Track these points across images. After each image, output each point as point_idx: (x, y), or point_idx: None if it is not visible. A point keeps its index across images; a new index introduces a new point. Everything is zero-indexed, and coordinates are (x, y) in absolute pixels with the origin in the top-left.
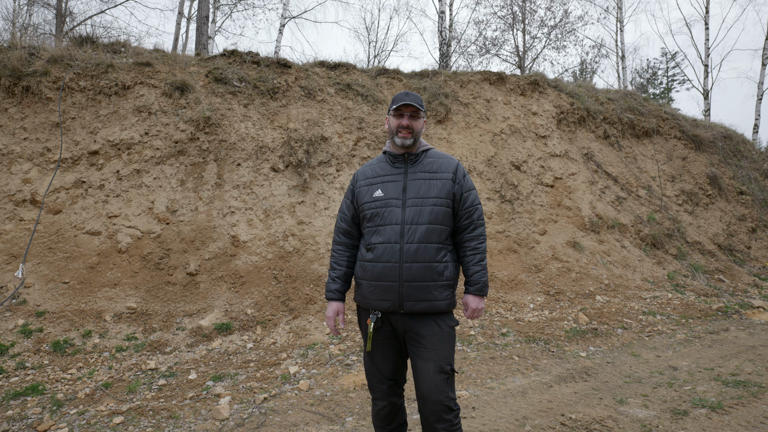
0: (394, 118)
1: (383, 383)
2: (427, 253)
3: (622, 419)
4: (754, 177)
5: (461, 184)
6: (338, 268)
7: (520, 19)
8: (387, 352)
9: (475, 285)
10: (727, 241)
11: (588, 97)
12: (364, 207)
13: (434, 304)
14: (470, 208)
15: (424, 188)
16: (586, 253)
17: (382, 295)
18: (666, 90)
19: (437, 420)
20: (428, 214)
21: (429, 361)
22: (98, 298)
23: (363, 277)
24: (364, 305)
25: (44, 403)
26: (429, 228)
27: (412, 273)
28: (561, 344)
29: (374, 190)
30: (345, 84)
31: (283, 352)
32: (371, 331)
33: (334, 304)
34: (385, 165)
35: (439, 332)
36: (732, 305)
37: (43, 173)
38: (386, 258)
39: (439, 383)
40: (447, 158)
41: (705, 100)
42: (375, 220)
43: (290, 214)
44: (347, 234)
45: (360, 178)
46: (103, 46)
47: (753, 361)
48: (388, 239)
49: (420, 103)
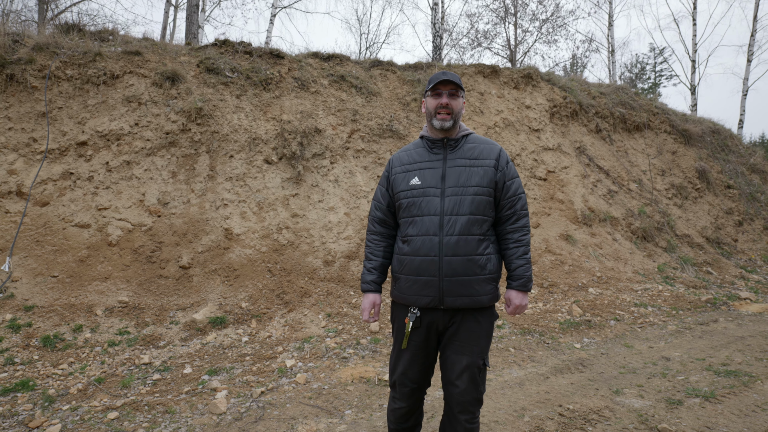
0: (432, 98)
1: (406, 386)
2: (468, 246)
3: (619, 409)
4: (741, 171)
5: (504, 171)
6: (374, 259)
7: (512, 12)
8: (418, 355)
9: (519, 280)
10: (715, 234)
11: (580, 91)
12: (400, 196)
13: (476, 299)
14: (513, 198)
15: (465, 176)
16: (579, 246)
17: (421, 291)
18: (654, 85)
19: (462, 411)
20: (469, 203)
21: (464, 356)
22: (89, 292)
23: (401, 271)
24: (401, 301)
25: (35, 399)
26: (470, 219)
27: (452, 267)
28: (556, 336)
29: (411, 178)
30: (339, 75)
31: (278, 346)
32: (409, 331)
33: (371, 296)
34: (422, 151)
35: (478, 328)
36: (720, 297)
37: (29, 164)
38: (425, 251)
39: (473, 377)
40: (489, 144)
41: (692, 95)
42: (411, 210)
43: (284, 206)
44: (383, 223)
45: (396, 164)
46: (90, 34)
47: (742, 351)
48: (426, 231)
49: (459, 81)
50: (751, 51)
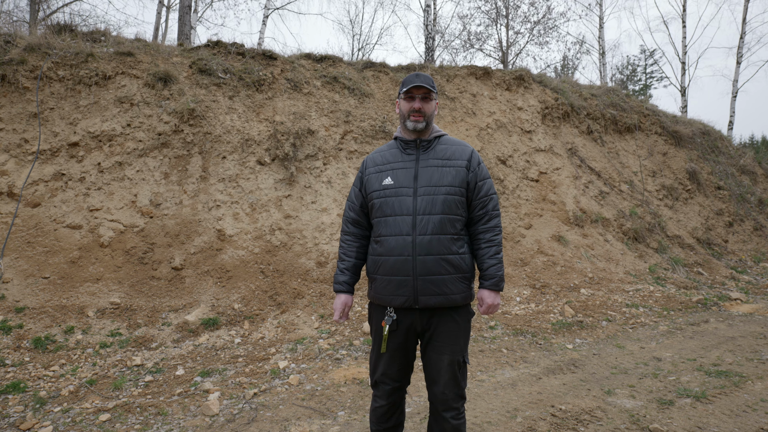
0: (405, 101)
1: (387, 384)
2: (441, 245)
3: (611, 409)
4: (730, 172)
5: (476, 172)
6: (347, 260)
7: (504, 14)
8: (396, 356)
9: (491, 279)
10: (705, 235)
11: (572, 93)
12: (373, 196)
13: (450, 298)
14: (485, 198)
15: (437, 176)
16: (571, 246)
17: (395, 291)
18: (645, 87)
19: (446, 408)
20: (441, 203)
21: (443, 354)
22: (80, 294)
23: (376, 272)
24: (378, 301)
25: (26, 401)
26: (443, 218)
27: (426, 266)
28: (548, 337)
29: (384, 178)
30: (332, 77)
31: (271, 347)
32: (386, 334)
33: (343, 297)
34: (395, 151)
35: (456, 327)
36: (711, 297)
37: (20, 165)
38: (398, 251)
39: (453, 375)
40: (461, 145)
41: (682, 96)
42: (384, 209)
43: (277, 207)
44: (356, 224)
45: (369, 164)
46: (82, 35)
47: (733, 351)
48: (399, 231)
49: (432, 85)
50: (741, 53)
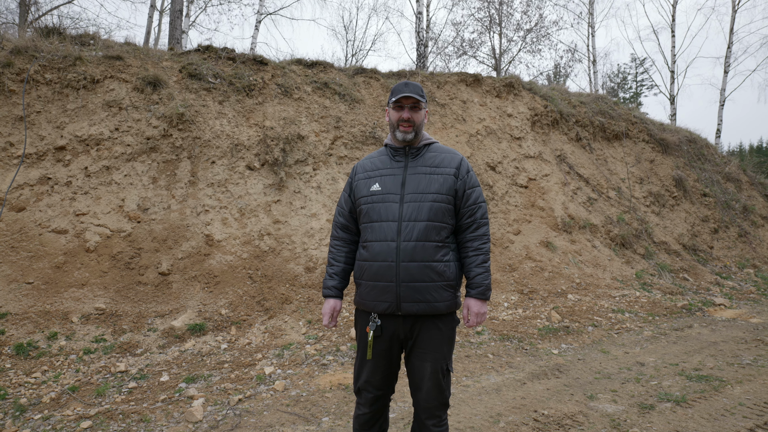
0: (394, 110)
1: (369, 392)
2: (425, 252)
3: (592, 414)
4: (716, 180)
5: (464, 180)
6: (336, 264)
7: (497, 21)
8: (380, 363)
9: (478, 288)
10: (691, 242)
11: (561, 100)
12: (361, 201)
13: (433, 306)
14: (473, 206)
15: (424, 183)
16: (559, 252)
17: (379, 296)
18: (635, 95)
19: (429, 416)
20: (428, 210)
21: (427, 362)
22: (65, 299)
23: (361, 277)
24: (363, 307)
25: (6, 409)
26: (428, 225)
27: (409, 273)
28: (534, 342)
29: (372, 184)
30: (322, 83)
31: (258, 353)
32: (371, 340)
33: (331, 301)
34: (385, 158)
35: (439, 335)
36: (696, 303)
37: (5, 169)
38: (382, 257)
39: (437, 383)
40: (450, 153)
41: (671, 105)
42: (371, 215)
43: (266, 213)
44: (345, 229)
45: (359, 171)
46: (71, 38)
47: (714, 356)
48: (384, 237)
49: (421, 94)
50: (728, 63)
